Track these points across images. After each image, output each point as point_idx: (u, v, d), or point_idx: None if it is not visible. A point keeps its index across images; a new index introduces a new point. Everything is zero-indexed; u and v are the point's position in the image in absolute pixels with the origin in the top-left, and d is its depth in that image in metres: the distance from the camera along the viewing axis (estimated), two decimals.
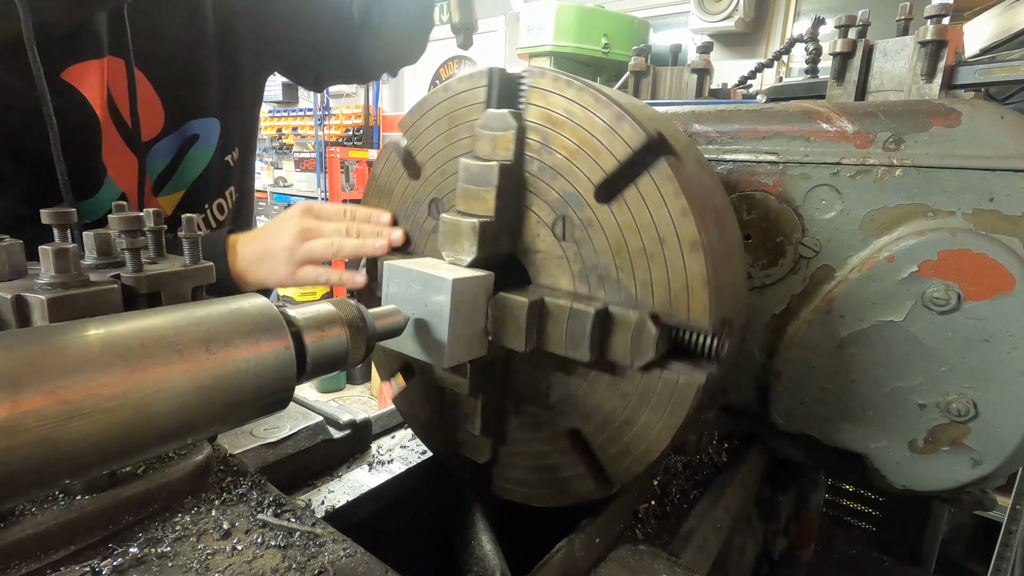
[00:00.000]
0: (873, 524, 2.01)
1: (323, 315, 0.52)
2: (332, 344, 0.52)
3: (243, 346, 0.44)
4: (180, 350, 0.41)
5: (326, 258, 0.92)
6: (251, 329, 0.45)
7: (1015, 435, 0.71)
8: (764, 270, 0.88)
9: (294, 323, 0.50)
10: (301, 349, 0.49)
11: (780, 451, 0.98)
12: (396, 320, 0.62)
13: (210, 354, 0.42)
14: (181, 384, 0.40)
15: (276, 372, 0.46)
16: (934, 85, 1.31)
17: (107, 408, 0.36)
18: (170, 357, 0.40)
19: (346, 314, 0.54)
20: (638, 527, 0.77)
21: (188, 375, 0.41)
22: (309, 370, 0.51)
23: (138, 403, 0.38)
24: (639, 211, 0.61)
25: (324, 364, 0.52)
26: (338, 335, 0.53)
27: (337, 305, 0.54)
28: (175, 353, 0.41)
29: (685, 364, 0.61)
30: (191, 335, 0.42)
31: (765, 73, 3.06)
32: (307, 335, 0.50)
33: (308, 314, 0.52)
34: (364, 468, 0.88)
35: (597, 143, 0.62)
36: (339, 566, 0.51)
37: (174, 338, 0.41)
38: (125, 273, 0.58)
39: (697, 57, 1.84)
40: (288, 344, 0.47)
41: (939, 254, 0.73)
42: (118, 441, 0.38)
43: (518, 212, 0.69)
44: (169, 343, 0.41)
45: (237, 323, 0.45)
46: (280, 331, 0.47)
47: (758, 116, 0.89)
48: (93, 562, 0.49)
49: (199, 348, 0.42)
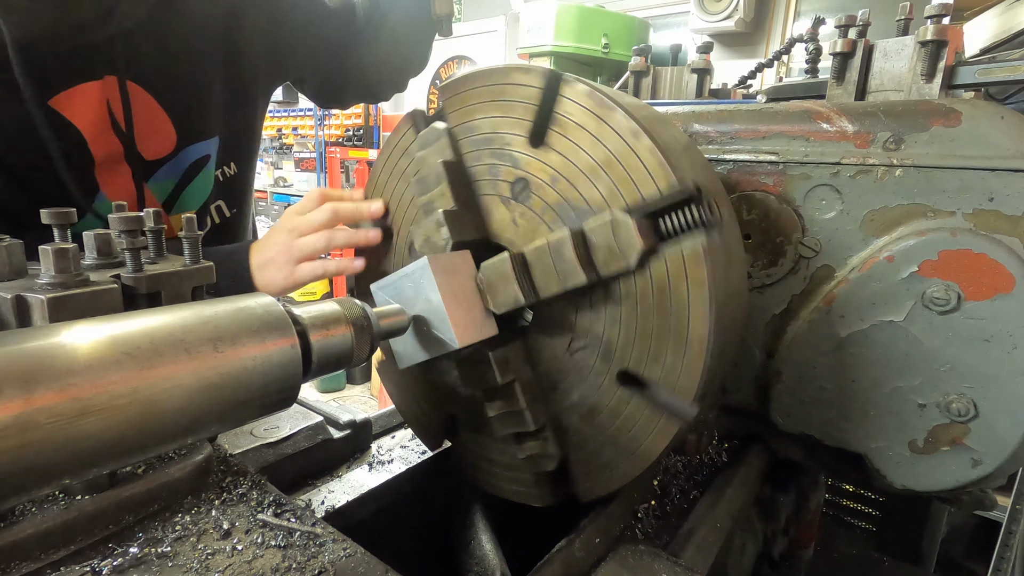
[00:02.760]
0: (873, 524, 2.01)
1: (328, 314, 0.53)
2: (337, 343, 0.52)
3: (250, 344, 0.44)
4: (188, 348, 0.41)
5: (320, 251, 0.91)
6: (258, 328, 0.46)
7: (1015, 435, 0.71)
8: (764, 270, 0.88)
9: (300, 322, 0.50)
10: (307, 347, 0.50)
11: (780, 451, 0.98)
12: (400, 319, 0.62)
13: (218, 352, 0.42)
14: (189, 382, 0.40)
15: (282, 370, 0.47)
16: (934, 85, 1.31)
17: (117, 405, 0.37)
18: (178, 355, 0.40)
19: (351, 313, 0.54)
20: (638, 527, 0.77)
21: (196, 373, 0.41)
22: (314, 368, 0.51)
23: (147, 400, 0.38)
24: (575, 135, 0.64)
25: (329, 363, 0.52)
26: (343, 334, 0.53)
27: (342, 304, 0.55)
28: (183, 351, 0.41)
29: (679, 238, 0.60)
30: (199, 333, 0.42)
31: (765, 73, 3.07)
32: (312, 334, 0.50)
33: (313, 313, 0.52)
34: (364, 468, 0.88)
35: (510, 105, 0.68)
36: (339, 566, 0.51)
37: (182, 336, 0.41)
38: (125, 273, 0.58)
39: (697, 57, 1.84)
40: (294, 343, 0.48)
41: (939, 254, 0.73)
42: (128, 438, 0.38)
43: (476, 200, 0.72)
44: (177, 341, 0.41)
45: (244, 322, 0.45)
46: (286, 330, 0.47)
47: (758, 116, 0.89)
48: (93, 562, 0.49)
49: (207, 346, 0.42)
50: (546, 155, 0.66)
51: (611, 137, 0.61)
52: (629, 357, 0.64)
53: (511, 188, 0.69)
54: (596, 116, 0.62)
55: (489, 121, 0.70)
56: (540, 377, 0.71)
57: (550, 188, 0.66)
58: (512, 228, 0.70)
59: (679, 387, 0.61)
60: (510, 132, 0.68)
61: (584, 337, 0.67)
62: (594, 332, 0.66)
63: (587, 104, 0.62)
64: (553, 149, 0.65)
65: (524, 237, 0.68)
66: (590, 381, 0.68)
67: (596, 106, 0.62)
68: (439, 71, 7.03)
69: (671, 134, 0.66)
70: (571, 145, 0.64)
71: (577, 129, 0.63)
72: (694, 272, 0.58)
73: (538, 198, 0.67)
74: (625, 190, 0.61)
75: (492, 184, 0.71)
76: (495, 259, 0.65)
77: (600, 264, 0.61)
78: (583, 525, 0.70)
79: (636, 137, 0.60)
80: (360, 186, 0.89)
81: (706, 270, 0.58)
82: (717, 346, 0.60)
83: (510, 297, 0.64)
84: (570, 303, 0.67)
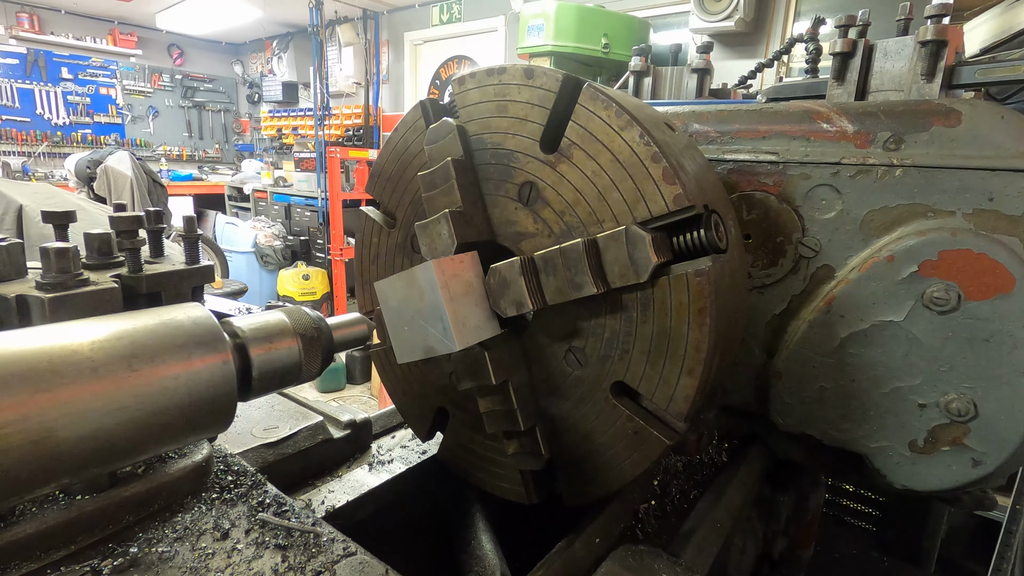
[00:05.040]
0: (873, 524, 2.01)
1: (272, 325, 0.49)
2: (282, 357, 0.49)
3: (172, 362, 0.41)
4: (96, 367, 0.37)
5: None
6: (184, 343, 0.42)
7: (1015, 435, 0.71)
8: (764, 270, 0.88)
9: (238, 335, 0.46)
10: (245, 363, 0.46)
11: (780, 451, 0.98)
12: (360, 329, 0.59)
13: (132, 371, 0.39)
14: (95, 406, 0.36)
15: (212, 389, 0.43)
16: (934, 85, 1.31)
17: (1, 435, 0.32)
18: (82, 375, 0.36)
19: (299, 324, 0.51)
20: (638, 527, 0.77)
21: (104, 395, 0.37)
22: (256, 386, 0.47)
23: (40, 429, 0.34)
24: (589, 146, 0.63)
25: (274, 378, 0.48)
26: (289, 347, 0.49)
27: (290, 314, 0.51)
28: (89, 371, 0.37)
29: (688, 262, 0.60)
30: (110, 351, 0.38)
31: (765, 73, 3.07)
32: (253, 348, 0.47)
33: (255, 324, 0.48)
34: (364, 468, 0.88)
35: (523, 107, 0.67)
36: (339, 566, 0.51)
37: (89, 354, 0.37)
38: (125, 273, 0.58)
39: (697, 57, 1.84)
40: (227, 358, 0.44)
41: (939, 254, 0.73)
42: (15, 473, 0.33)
43: (482, 199, 0.72)
44: (82, 360, 0.37)
45: (167, 336, 0.41)
46: (217, 344, 0.44)
47: (758, 116, 0.89)
48: (93, 562, 0.49)
49: (119, 365, 0.38)
50: (558, 162, 0.65)
51: (624, 152, 0.61)
52: (625, 370, 0.64)
53: (519, 191, 0.69)
54: (613, 129, 0.61)
55: (502, 121, 0.69)
56: (535, 378, 0.72)
57: (559, 195, 0.66)
58: (518, 232, 0.69)
59: (671, 405, 0.61)
60: (522, 135, 0.68)
61: (582, 344, 0.67)
62: (593, 340, 0.66)
63: (605, 116, 0.62)
64: (565, 157, 0.65)
65: (531, 242, 0.68)
66: (584, 388, 0.68)
67: (614, 119, 0.61)
68: (439, 71, 7.03)
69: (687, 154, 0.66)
70: (583, 155, 0.63)
71: (591, 140, 0.63)
72: (698, 298, 0.58)
73: (546, 204, 0.67)
74: (635, 205, 0.61)
75: (500, 186, 0.70)
76: (505, 263, 0.65)
77: (612, 276, 0.61)
78: (583, 525, 0.70)
79: (651, 157, 0.59)
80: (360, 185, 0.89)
81: (710, 299, 0.58)
82: (713, 367, 0.61)
83: (517, 300, 0.64)
84: (572, 309, 0.67)
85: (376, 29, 7.44)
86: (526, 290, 0.63)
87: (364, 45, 7.43)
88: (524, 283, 0.63)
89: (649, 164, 0.59)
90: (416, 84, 7.39)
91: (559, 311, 0.68)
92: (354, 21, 7.42)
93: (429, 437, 0.88)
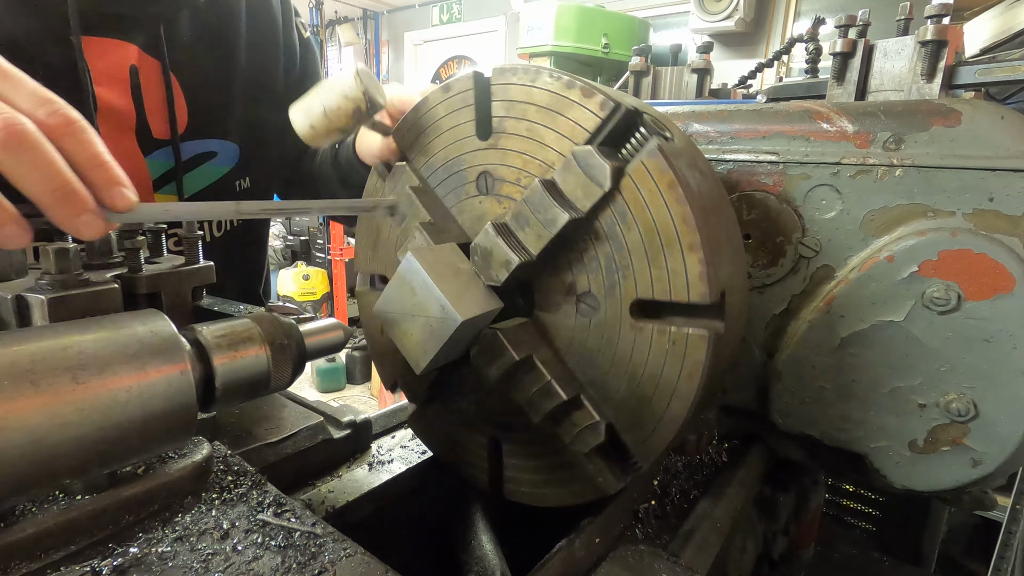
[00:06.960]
0: (873, 524, 2.01)
1: (239, 332, 0.47)
2: (249, 366, 0.46)
3: (123, 373, 0.38)
4: (36, 380, 0.35)
5: None
6: (136, 352, 0.39)
7: (1015, 435, 0.71)
8: (764, 270, 0.88)
9: (199, 343, 0.44)
10: (208, 373, 0.44)
11: (780, 451, 0.98)
12: (335, 335, 0.57)
13: (78, 384, 0.36)
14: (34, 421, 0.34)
15: (168, 402, 0.41)
16: (934, 85, 1.31)
17: None
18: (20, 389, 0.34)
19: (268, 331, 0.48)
20: (638, 527, 0.77)
21: (45, 410, 0.35)
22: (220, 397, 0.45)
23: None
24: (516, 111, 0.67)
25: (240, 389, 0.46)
26: (256, 355, 0.47)
27: (259, 320, 0.49)
28: (28, 384, 0.34)
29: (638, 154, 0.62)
30: (52, 362, 0.36)
31: (765, 73, 3.07)
32: (216, 356, 0.45)
33: (219, 332, 0.46)
34: (364, 468, 0.88)
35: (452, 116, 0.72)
36: (339, 566, 0.51)
37: (28, 367, 0.35)
38: (125, 273, 0.58)
39: (697, 57, 1.85)
40: (184, 368, 0.42)
41: (939, 254, 0.73)
42: None
43: (449, 212, 0.74)
44: (21, 372, 0.35)
45: (118, 346, 0.39)
46: (174, 353, 0.41)
47: (758, 116, 0.89)
48: (93, 562, 0.49)
49: (63, 377, 0.36)
50: (497, 140, 0.69)
51: (544, 98, 0.65)
52: (635, 286, 0.63)
53: (476, 186, 0.71)
54: (527, 86, 0.65)
55: (439, 140, 0.74)
56: (559, 351, 0.71)
57: (510, 166, 0.69)
58: (489, 216, 0.70)
59: (691, 292, 0.60)
60: (461, 139, 0.72)
61: (586, 285, 0.67)
62: (593, 277, 0.66)
63: (516, 80, 0.66)
64: (500, 132, 0.69)
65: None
66: (608, 331, 0.66)
67: (523, 77, 0.66)
68: (439, 71, 7.03)
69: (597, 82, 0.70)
70: (514, 121, 0.67)
71: (514, 105, 0.67)
72: (661, 174, 0.59)
73: (503, 181, 0.70)
74: (572, 134, 0.64)
75: (460, 192, 0.73)
76: (479, 234, 0.65)
77: (579, 202, 0.61)
78: (583, 525, 0.70)
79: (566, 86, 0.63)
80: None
81: (673, 171, 0.58)
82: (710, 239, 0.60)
83: (503, 261, 0.63)
84: (563, 264, 0.66)
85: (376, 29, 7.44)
86: (508, 247, 0.63)
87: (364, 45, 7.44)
88: (504, 243, 0.64)
89: (568, 93, 0.63)
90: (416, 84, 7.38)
91: (553, 276, 0.68)
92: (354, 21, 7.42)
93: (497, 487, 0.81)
